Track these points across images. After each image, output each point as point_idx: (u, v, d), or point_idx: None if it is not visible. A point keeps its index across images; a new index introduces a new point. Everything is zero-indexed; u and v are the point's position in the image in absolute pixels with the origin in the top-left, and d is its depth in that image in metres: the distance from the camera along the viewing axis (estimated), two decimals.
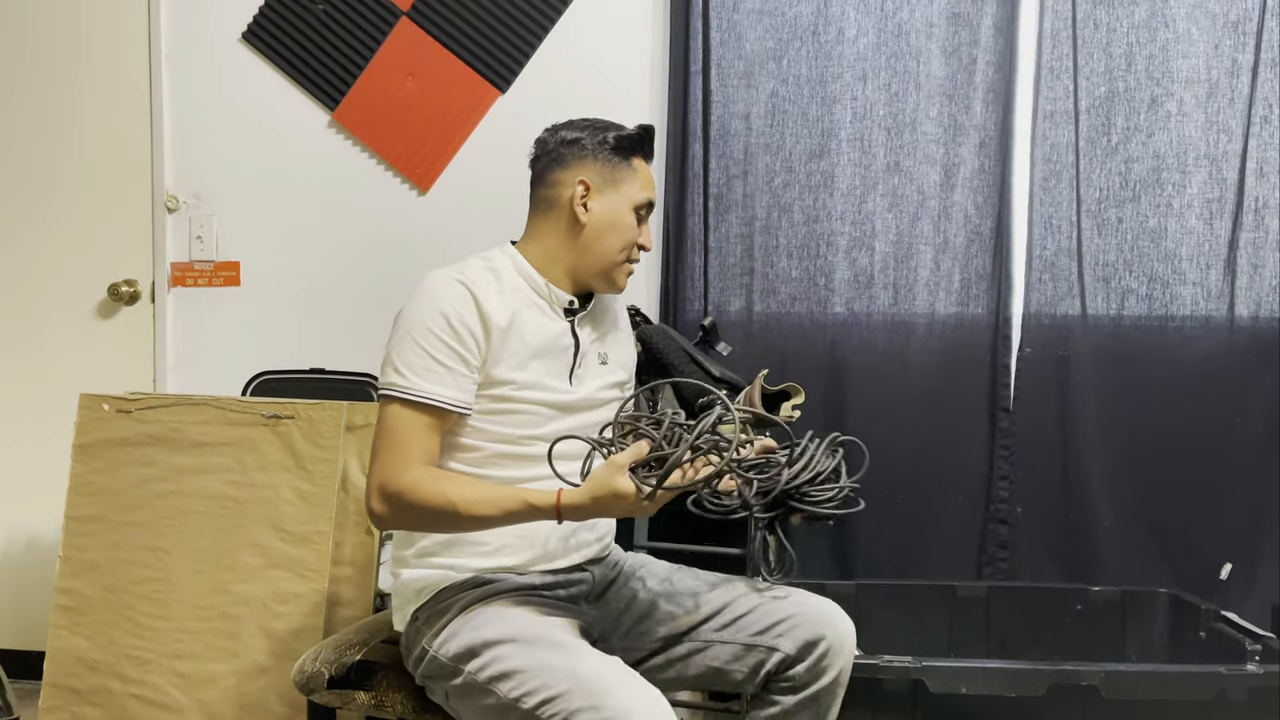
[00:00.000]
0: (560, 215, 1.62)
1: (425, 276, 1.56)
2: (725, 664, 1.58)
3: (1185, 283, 2.47)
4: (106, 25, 2.73)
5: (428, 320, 1.50)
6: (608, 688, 1.32)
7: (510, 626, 1.46)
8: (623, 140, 1.63)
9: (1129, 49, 2.46)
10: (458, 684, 1.46)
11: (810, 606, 1.59)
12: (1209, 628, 2.17)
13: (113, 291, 2.74)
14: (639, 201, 1.63)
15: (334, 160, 2.73)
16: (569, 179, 1.61)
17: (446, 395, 1.49)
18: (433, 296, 1.52)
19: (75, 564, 2.27)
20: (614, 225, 1.61)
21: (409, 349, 1.49)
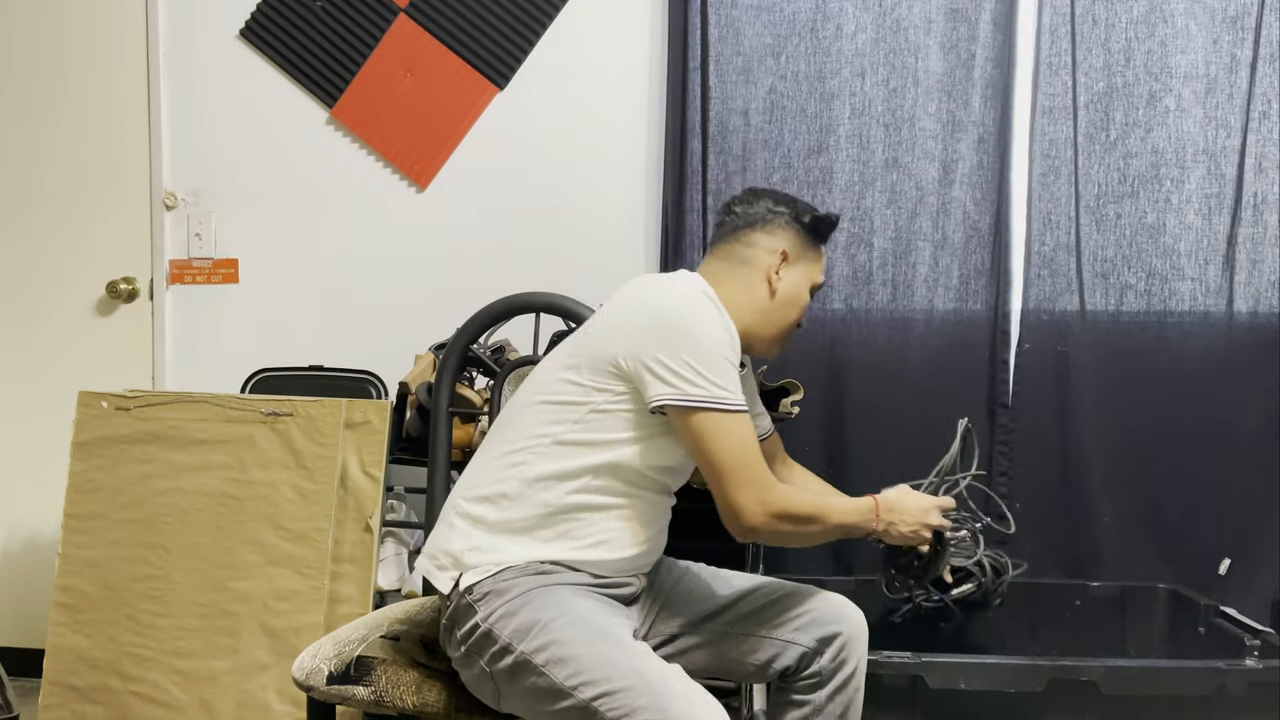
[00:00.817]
0: (751, 276, 1.66)
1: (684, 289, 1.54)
2: (739, 655, 1.60)
3: (1184, 278, 2.47)
4: (104, 22, 2.73)
5: (718, 335, 1.51)
6: (673, 692, 1.33)
7: (574, 614, 1.45)
8: (819, 223, 1.71)
9: (1127, 44, 2.45)
10: (508, 663, 1.44)
11: (825, 601, 1.61)
12: (1208, 623, 2.17)
13: (111, 289, 2.74)
14: (816, 283, 1.72)
15: (332, 157, 2.73)
16: (770, 245, 1.66)
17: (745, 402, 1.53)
18: (716, 320, 1.53)
19: (75, 561, 2.27)
20: (795, 299, 1.68)
21: (719, 363, 1.48)
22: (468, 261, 2.69)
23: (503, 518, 1.53)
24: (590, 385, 1.51)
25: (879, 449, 2.54)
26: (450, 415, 1.99)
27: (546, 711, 1.41)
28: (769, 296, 1.65)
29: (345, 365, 2.60)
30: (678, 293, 1.54)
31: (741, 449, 1.47)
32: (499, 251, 2.68)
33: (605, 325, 1.55)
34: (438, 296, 2.65)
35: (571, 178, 2.67)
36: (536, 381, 1.60)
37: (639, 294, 1.56)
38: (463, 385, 2.22)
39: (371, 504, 2.21)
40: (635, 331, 1.50)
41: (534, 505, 1.52)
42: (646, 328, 1.49)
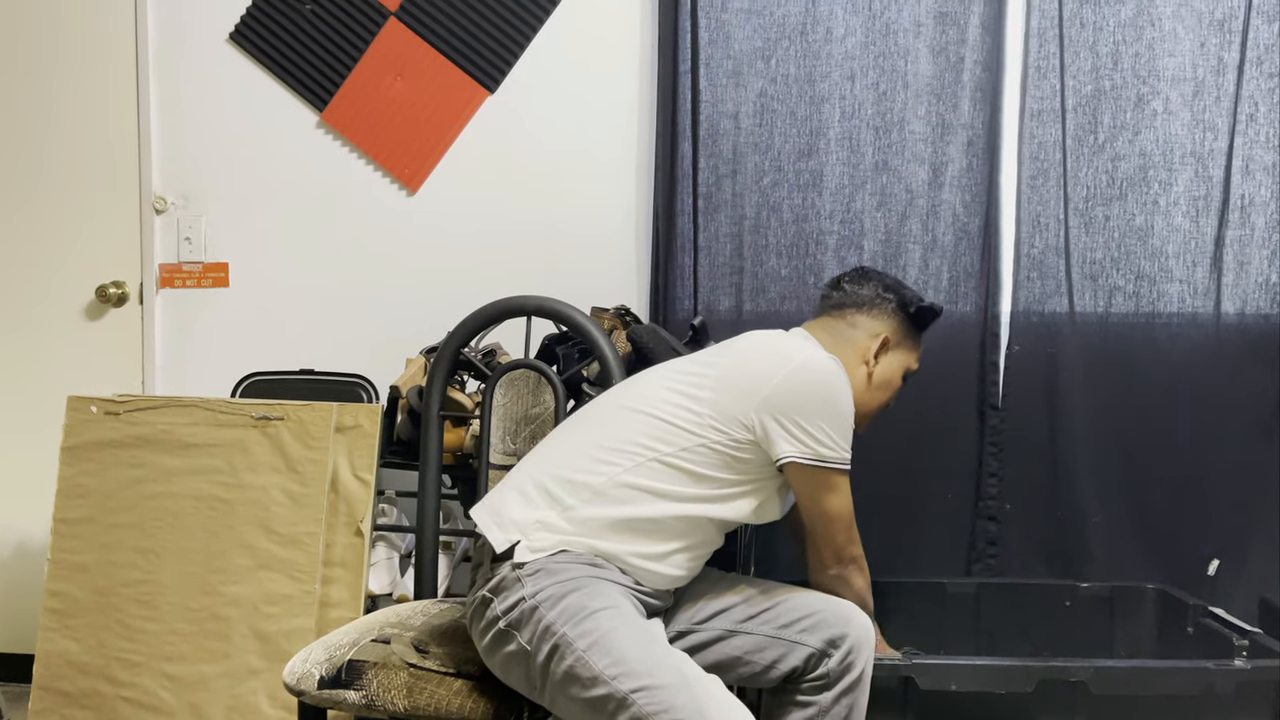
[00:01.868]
0: (852, 356, 1.74)
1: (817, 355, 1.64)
2: (746, 654, 1.61)
3: (1172, 280, 2.48)
4: (93, 25, 2.73)
5: (849, 404, 1.62)
6: (713, 699, 1.36)
7: (622, 609, 1.47)
8: (923, 313, 1.81)
9: (1115, 47, 2.47)
10: (551, 643, 1.44)
11: (832, 605, 1.64)
12: (1197, 623, 2.17)
13: (100, 293, 2.73)
14: (911, 369, 1.81)
15: (323, 161, 2.72)
16: (873, 330, 1.77)
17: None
18: (847, 388, 1.63)
19: (64, 566, 2.27)
20: (888, 383, 1.78)
21: (846, 429, 1.62)
22: (458, 265, 2.69)
23: (580, 506, 1.56)
24: (710, 423, 1.57)
25: (869, 451, 2.52)
26: (441, 419, 1.99)
27: (581, 699, 1.41)
28: (866, 379, 1.75)
29: (336, 369, 2.60)
30: (820, 361, 1.63)
31: (851, 506, 1.66)
32: (490, 255, 2.68)
33: (740, 377, 1.61)
34: (428, 300, 2.64)
35: (562, 181, 2.67)
36: (642, 393, 1.65)
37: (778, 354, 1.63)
38: (454, 389, 2.22)
39: (363, 508, 2.20)
40: (777, 392, 1.57)
41: (615, 507, 1.55)
42: (790, 389, 1.58)
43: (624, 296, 2.56)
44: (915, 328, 1.81)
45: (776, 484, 1.64)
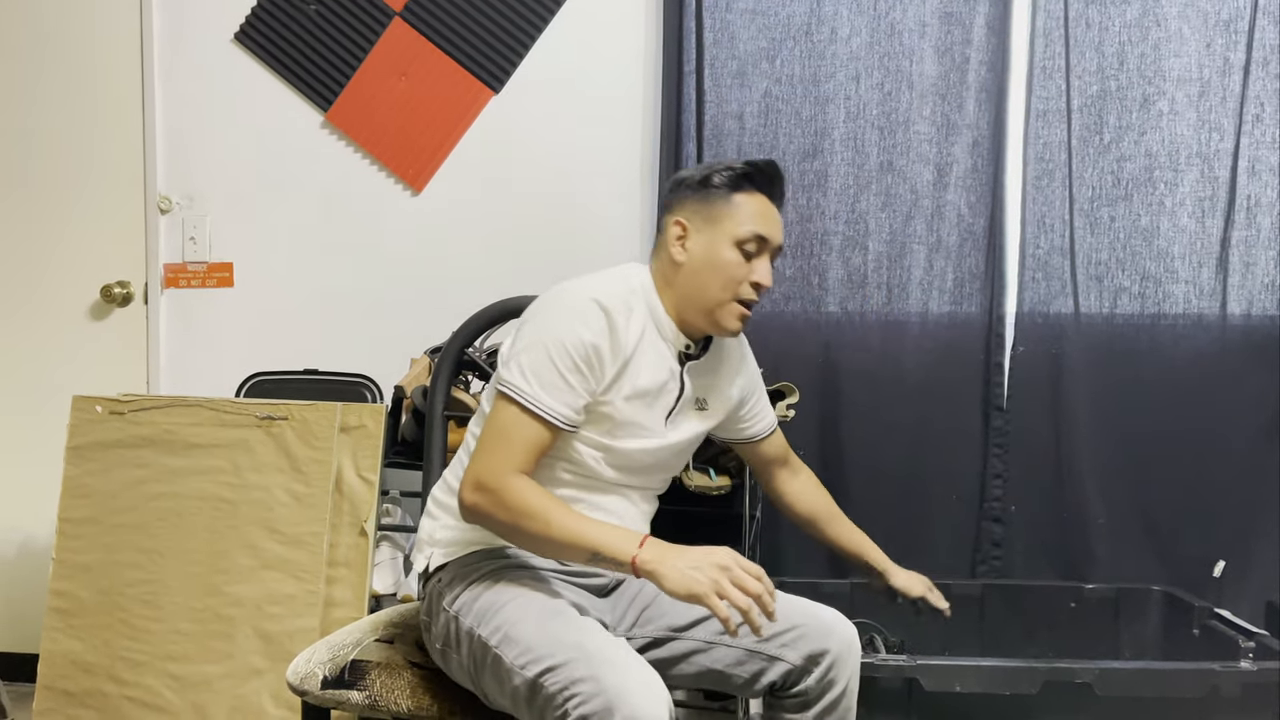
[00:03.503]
0: (664, 256, 1.62)
1: (570, 286, 1.55)
2: (726, 667, 1.58)
3: (1178, 281, 2.48)
4: (98, 26, 2.73)
5: (565, 337, 1.49)
6: (610, 661, 1.32)
7: (529, 595, 1.47)
8: (724, 177, 1.60)
9: (1121, 47, 2.46)
10: (476, 649, 1.46)
11: (814, 618, 1.58)
12: (1202, 625, 2.17)
13: (105, 293, 2.74)
14: (739, 236, 1.57)
15: (327, 161, 2.72)
16: (670, 221, 1.62)
17: (562, 413, 1.50)
18: (575, 313, 1.51)
19: (69, 566, 2.27)
20: (710, 263, 1.57)
21: (540, 357, 1.49)
22: (462, 265, 2.69)
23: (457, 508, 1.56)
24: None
25: (874, 452, 2.54)
26: (445, 419, 1.99)
27: (508, 693, 1.41)
28: (678, 270, 1.60)
29: (340, 369, 2.60)
30: (556, 291, 1.56)
31: (500, 433, 1.48)
32: (494, 255, 2.68)
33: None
34: (432, 300, 2.65)
35: (566, 181, 2.67)
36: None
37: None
38: (458, 389, 2.22)
39: (366, 508, 2.20)
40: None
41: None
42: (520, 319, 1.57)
43: None
44: (723, 194, 1.59)
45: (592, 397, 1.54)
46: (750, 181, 1.60)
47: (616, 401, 1.55)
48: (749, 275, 1.58)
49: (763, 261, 1.59)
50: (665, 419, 1.62)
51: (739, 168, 1.60)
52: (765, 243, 1.59)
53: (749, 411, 1.80)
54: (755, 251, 1.58)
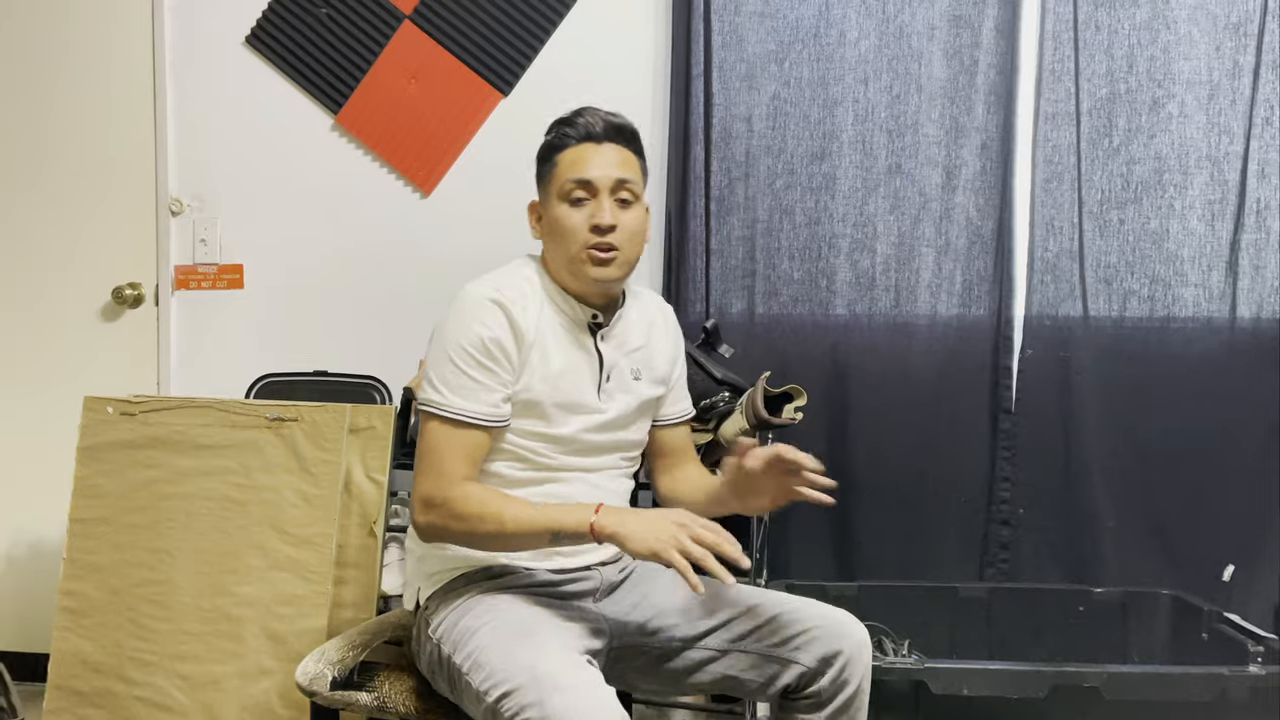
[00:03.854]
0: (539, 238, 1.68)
1: (463, 290, 1.58)
2: (741, 673, 1.58)
3: (1187, 284, 2.48)
4: (111, 29, 2.74)
5: (462, 339, 1.53)
6: (557, 685, 1.31)
7: (502, 618, 1.47)
8: (542, 150, 1.65)
9: (1130, 51, 2.46)
10: (455, 676, 1.47)
11: (827, 619, 1.57)
12: (1211, 629, 2.17)
13: (117, 295, 2.75)
14: (560, 187, 1.59)
15: (337, 163, 2.73)
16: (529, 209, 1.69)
17: (481, 412, 1.52)
18: (469, 314, 1.54)
19: (79, 566, 2.28)
20: (551, 228, 1.61)
21: (445, 366, 1.53)
22: (471, 267, 2.67)
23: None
24: None
25: (882, 455, 2.54)
26: None
27: (480, 717, 1.41)
28: (544, 242, 1.66)
29: (349, 371, 2.61)
30: (457, 294, 1.59)
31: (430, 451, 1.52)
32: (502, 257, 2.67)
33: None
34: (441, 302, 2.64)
35: None
36: None
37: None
38: None
39: (375, 509, 2.21)
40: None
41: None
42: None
43: None
44: (547, 165, 1.63)
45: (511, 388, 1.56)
46: (566, 139, 1.61)
47: (535, 385, 1.56)
48: (587, 221, 1.57)
49: (597, 203, 1.58)
50: (597, 392, 1.62)
51: (561, 128, 1.63)
52: (590, 185, 1.58)
53: (671, 389, 1.78)
54: (587, 196, 1.58)
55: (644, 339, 1.71)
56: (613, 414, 1.63)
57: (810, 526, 2.57)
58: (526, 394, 1.56)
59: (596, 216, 1.57)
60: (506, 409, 1.55)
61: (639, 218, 1.62)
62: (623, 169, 1.60)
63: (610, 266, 1.58)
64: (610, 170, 1.59)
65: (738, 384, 2.33)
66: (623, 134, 1.63)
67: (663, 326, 1.76)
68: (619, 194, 1.59)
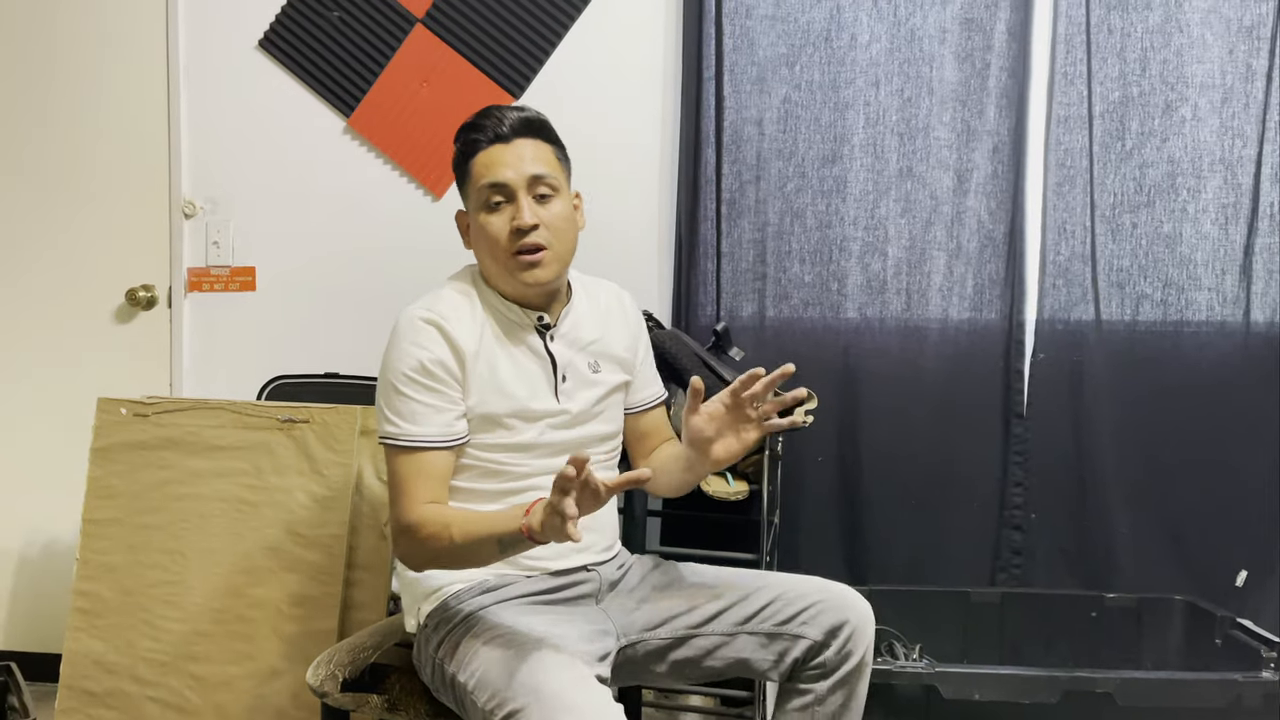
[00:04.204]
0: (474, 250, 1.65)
1: (399, 317, 1.57)
2: (751, 654, 1.59)
3: (1200, 288, 2.47)
4: (125, 33, 2.76)
5: (401, 365, 1.52)
6: (566, 707, 1.31)
7: (503, 635, 1.46)
8: (455, 160, 1.63)
9: (1143, 54, 2.45)
10: (455, 693, 1.48)
11: (831, 592, 1.60)
12: (1224, 635, 2.16)
13: (130, 296, 2.76)
14: (478, 200, 1.58)
15: (349, 166, 2.74)
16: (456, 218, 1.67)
17: (434, 434, 1.52)
18: (405, 339, 1.54)
19: (92, 566, 2.29)
20: (479, 236, 1.59)
21: (393, 396, 1.53)
22: None
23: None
24: None
25: (893, 459, 2.54)
26: None
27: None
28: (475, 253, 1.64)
29: (360, 373, 2.61)
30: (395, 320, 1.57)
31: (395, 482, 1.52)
32: None
33: None
34: None
35: (586, 187, 2.66)
36: None
37: None
38: None
39: (386, 511, 2.21)
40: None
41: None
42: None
43: (646, 302, 2.57)
44: (465, 174, 1.61)
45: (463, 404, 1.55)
46: (475, 145, 1.58)
47: (488, 398, 1.55)
48: (507, 224, 1.55)
49: (515, 205, 1.56)
50: (555, 394, 1.60)
51: (465, 135, 1.60)
52: (504, 188, 1.56)
53: (637, 376, 1.76)
54: (504, 200, 1.56)
55: (599, 331, 1.69)
56: (576, 410, 1.62)
57: (821, 529, 2.56)
58: (481, 408, 1.55)
59: (516, 219, 1.55)
60: (461, 426, 1.54)
61: (564, 210, 1.59)
62: (536, 164, 1.57)
63: (540, 268, 1.56)
64: (523, 168, 1.56)
65: None
66: (531, 127, 1.60)
67: (620, 315, 1.74)
68: (536, 190, 1.57)
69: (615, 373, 1.70)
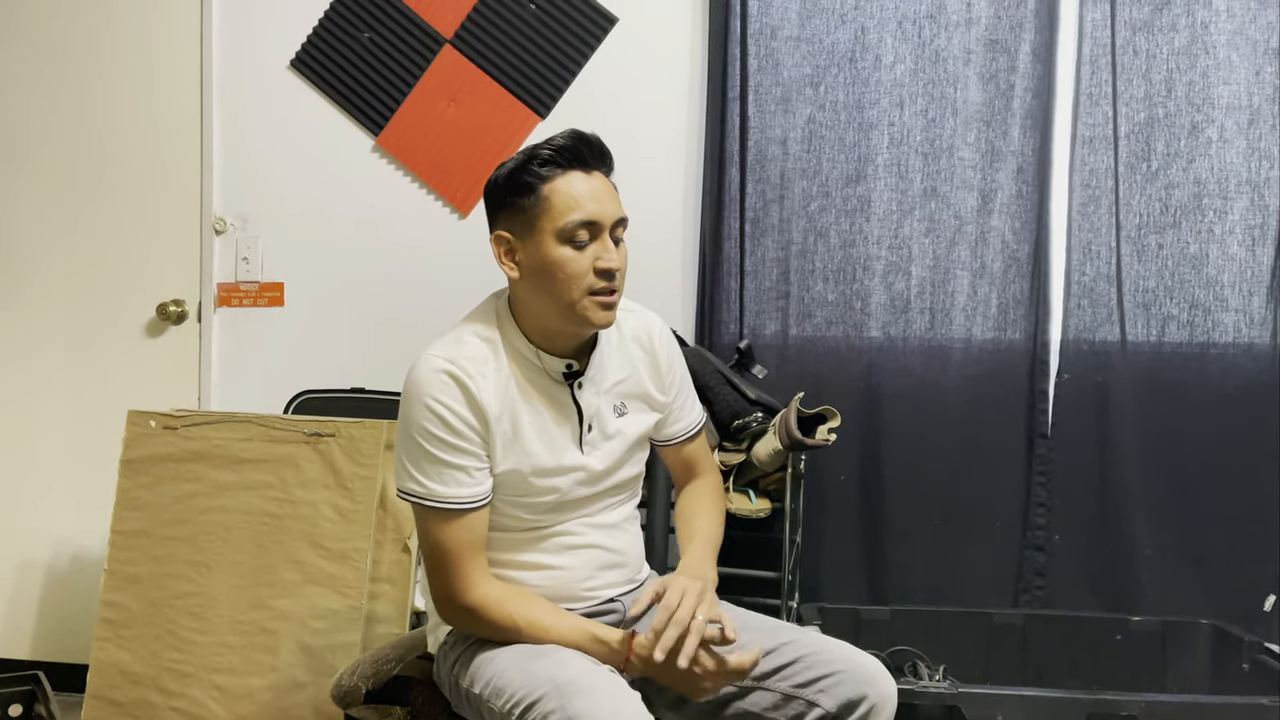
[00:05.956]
0: (507, 278, 1.53)
1: (416, 364, 1.47)
2: (764, 711, 1.53)
3: (1227, 309, 2.45)
4: (160, 53, 2.81)
5: (424, 420, 1.44)
6: (581, 690, 1.31)
7: (515, 646, 1.46)
8: (517, 176, 1.46)
9: (1169, 75, 2.45)
10: (474, 707, 1.48)
11: (855, 664, 1.51)
12: (1252, 660, 2.13)
13: (161, 311, 2.80)
14: (562, 228, 1.44)
15: (377, 184, 2.78)
16: (491, 239, 1.52)
17: (467, 494, 1.46)
18: (425, 391, 1.44)
19: (119, 577, 2.31)
20: (545, 269, 1.45)
21: (417, 452, 1.46)
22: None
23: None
24: None
25: (915, 478, 2.53)
26: None
27: None
28: (519, 289, 1.51)
29: (386, 388, 2.64)
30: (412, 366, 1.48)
31: (434, 548, 1.47)
32: None
33: None
34: None
35: None
36: None
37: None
38: None
39: (410, 525, 2.23)
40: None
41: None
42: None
43: (670, 319, 2.56)
44: (526, 195, 1.45)
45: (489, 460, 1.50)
46: (555, 165, 1.45)
47: (510, 457, 1.49)
48: (592, 264, 1.45)
49: (601, 244, 1.46)
50: (579, 446, 1.54)
51: (540, 154, 1.45)
52: (596, 225, 1.45)
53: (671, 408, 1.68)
54: (590, 238, 1.45)
55: (626, 369, 1.60)
56: (600, 466, 1.56)
57: (843, 549, 2.56)
58: (503, 467, 1.49)
59: (604, 259, 1.45)
60: (489, 483, 1.49)
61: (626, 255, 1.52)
62: (617, 204, 1.50)
63: (612, 310, 1.49)
64: (611, 207, 1.48)
65: (771, 405, 2.33)
66: (608, 162, 1.53)
67: (646, 346, 1.64)
68: (616, 232, 1.49)
69: (643, 413, 1.62)
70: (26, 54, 2.85)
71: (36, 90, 2.86)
